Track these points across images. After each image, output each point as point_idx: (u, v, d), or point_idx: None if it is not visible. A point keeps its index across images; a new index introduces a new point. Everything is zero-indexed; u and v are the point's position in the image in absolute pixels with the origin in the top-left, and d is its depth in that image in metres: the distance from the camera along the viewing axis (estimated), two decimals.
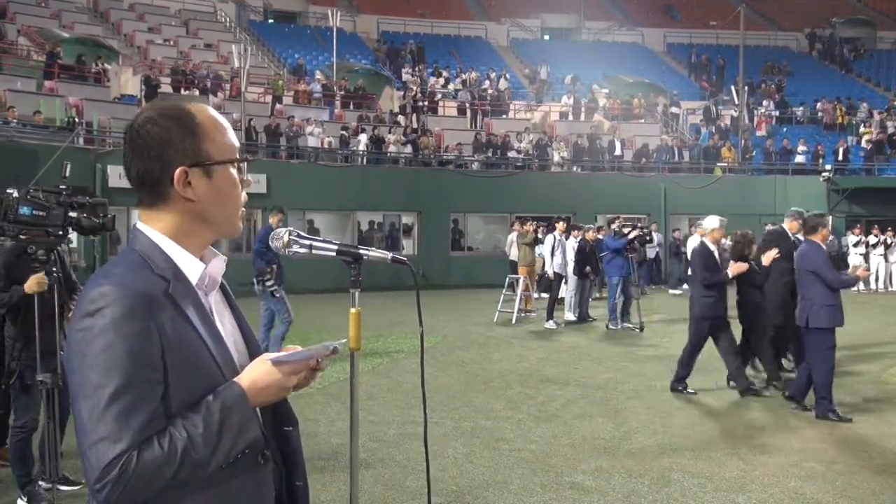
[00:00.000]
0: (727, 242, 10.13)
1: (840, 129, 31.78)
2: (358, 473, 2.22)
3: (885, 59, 39.11)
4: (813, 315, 7.76)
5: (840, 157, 28.95)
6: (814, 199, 25.45)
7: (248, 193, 1.89)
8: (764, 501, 5.58)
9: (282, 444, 1.91)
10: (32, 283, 4.87)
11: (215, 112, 1.88)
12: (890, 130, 31.26)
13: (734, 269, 8.83)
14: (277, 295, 10.32)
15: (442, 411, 8.04)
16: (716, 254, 9.10)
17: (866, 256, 23.05)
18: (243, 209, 1.88)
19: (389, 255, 2.24)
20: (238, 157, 1.86)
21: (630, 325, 14.63)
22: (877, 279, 23.26)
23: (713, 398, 8.88)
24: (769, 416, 8.18)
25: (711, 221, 9.40)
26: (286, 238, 2.13)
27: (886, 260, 23.40)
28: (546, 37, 40.93)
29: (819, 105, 33.00)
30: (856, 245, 23.61)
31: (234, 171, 1.84)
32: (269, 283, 10.24)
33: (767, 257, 8.95)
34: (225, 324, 1.86)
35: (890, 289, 23.40)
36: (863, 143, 30.31)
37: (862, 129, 31.22)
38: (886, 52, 40.14)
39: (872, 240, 23.52)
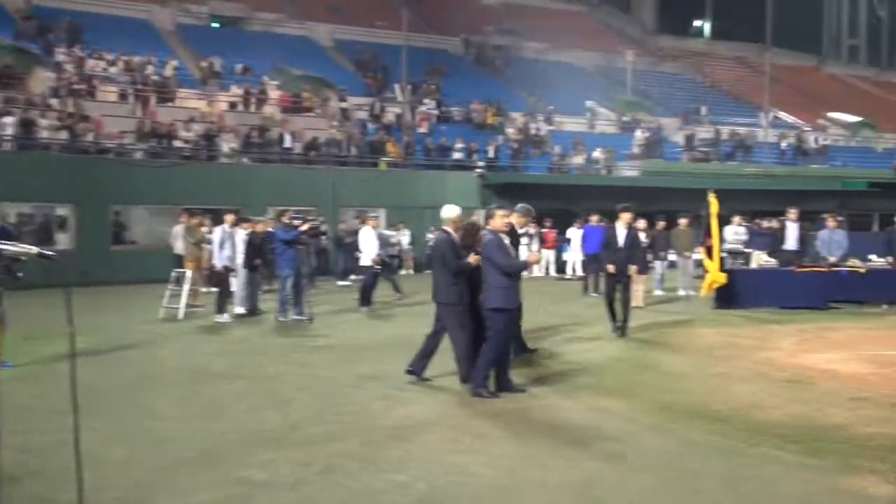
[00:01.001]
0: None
1: (491, 129, 34.55)
2: (0, 489, 2.09)
3: (529, 66, 43.14)
4: (489, 297, 8.49)
5: (491, 155, 31.55)
6: (469, 193, 27.50)
7: None
8: (422, 476, 5.98)
9: None
10: None
11: None
12: (531, 132, 34.79)
13: (475, 258, 8.85)
14: None
15: (103, 415, 7.61)
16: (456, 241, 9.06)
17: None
18: None
19: (35, 249, 2.14)
20: None
21: (300, 317, 14.81)
22: None
23: (384, 385, 9.24)
24: (438, 400, 8.73)
25: (451, 210, 9.26)
26: None
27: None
28: (215, 24, 39.89)
29: (472, 106, 35.64)
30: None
31: None
32: None
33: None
34: None
35: (532, 274, 25.88)
36: (509, 143, 33.31)
37: (508, 130, 34.31)
38: (531, 60, 44.34)
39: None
